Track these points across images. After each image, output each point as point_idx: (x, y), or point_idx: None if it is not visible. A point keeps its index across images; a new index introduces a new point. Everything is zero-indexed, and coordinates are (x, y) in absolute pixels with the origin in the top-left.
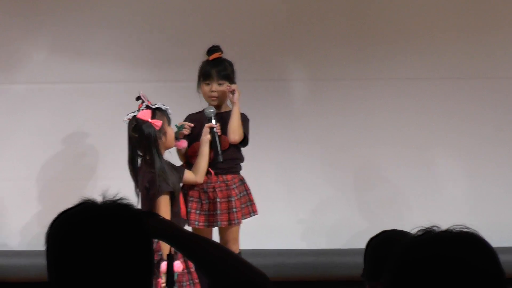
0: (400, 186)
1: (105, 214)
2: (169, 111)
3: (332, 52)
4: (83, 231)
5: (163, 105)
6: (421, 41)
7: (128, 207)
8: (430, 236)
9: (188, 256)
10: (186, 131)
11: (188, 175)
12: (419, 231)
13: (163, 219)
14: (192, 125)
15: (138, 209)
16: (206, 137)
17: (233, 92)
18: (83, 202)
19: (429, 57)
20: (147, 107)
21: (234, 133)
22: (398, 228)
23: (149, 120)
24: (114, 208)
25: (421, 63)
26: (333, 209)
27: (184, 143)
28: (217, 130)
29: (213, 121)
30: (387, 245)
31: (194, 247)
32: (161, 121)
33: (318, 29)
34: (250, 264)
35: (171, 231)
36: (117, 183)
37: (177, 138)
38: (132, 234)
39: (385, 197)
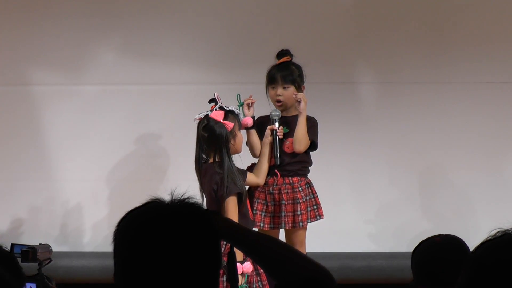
0: (468, 190)
1: (173, 213)
2: (241, 116)
3: (403, 55)
4: (151, 230)
5: (236, 109)
6: (493, 45)
7: (196, 206)
8: (509, 238)
9: (252, 257)
10: (250, 101)
11: (251, 177)
12: (497, 232)
13: (227, 219)
14: (254, 100)
15: (206, 209)
16: (267, 139)
17: (299, 101)
18: (150, 201)
19: (501, 61)
20: (221, 108)
21: (300, 143)
22: (464, 232)
23: (221, 121)
24: (182, 207)
25: (493, 67)
26: (401, 212)
27: (249, 120)
28: (279, 133)
29: (276, 124)
30: (430, 249)
31: (259, 248)
32: (232, 123)
33: (389, 32)
34: (315, 262)
35: (235, 231)
36: (188, 185)
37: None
38: (201, 233)
39: (453, 201)
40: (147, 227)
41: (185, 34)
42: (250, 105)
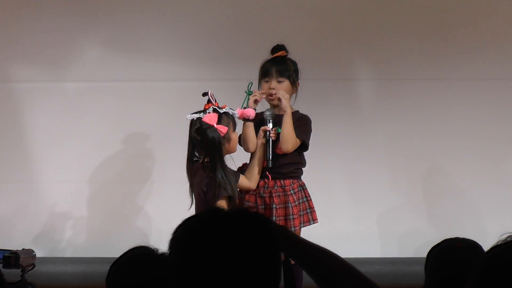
0: (473, 194)
1: (234, 223)
2: (236, 115)
3: (403, 50)
4: (211, 240)
5: (230, 109)
6: (500, 39)
7: (257, 216)
8: None
9: (309, 272)
10: (258, 97)
11: (243, 180)
12: (508, 237)
13: (287, 230)
14: (264, 96)
15: (269, 219)
16: (259, 141)
17: (279, 100)
18: (210, 209)
19: (510, 57)
20: (214, 110)
21: (286, 142)
22: (469, 237)
23: (215, 125)
24: (243, 217)
25: (501, 63)
26: (401, 215)
27: (251, 112)
28: (272, 134)
29: (270, 124)
30: (448, 253)
31: (318, 265)
32: (226, 128)
33: (388, 26)
34: (369, 280)
35: (294, 244)
36: (174, 187)
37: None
38: (263, 245)
39: (457, 205)
40: (206, 237)
41: (173, 28)
42: (256, 101)
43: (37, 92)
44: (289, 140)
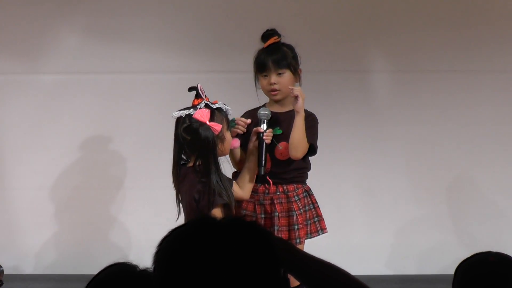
0: (506, 206)
1: (229, 234)
2: (230, 112)
3: (421, 39)
4: (203, 255)
5: (224, 104)
6: None
7: (254, 226)
8: None
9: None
10: (240, 130)
11: (235, 189)
12: None
13: (287, 242)
14: (249, 121)
15: (267, 230)
16: (252, 144)
17: (296, 97)
18: (200, 218)
19: None
20: (206, 105)
21: (296, 149)
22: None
23: (207, 123)
24: (239, 227)
25: None
26: (425, 231)
27: (236, 142)
28: (266, 136)
29: (264, 126)
30: (479, 268)
31: (320, 278)
32: (220, 125)
33: (404, 12)
34: None
35: (296, 258)
36: (153, 194)
37: None
38: (262, 260)
39: (488, 219)
40: (195, 251)
41: (160, 15)
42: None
43: (8, 86)
44: (300, 146)
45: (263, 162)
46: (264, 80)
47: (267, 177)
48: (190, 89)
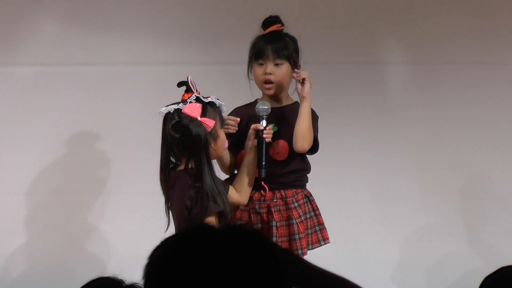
0: None
1: (228, 244)
2: (223, 108)
3: (441, 28)
4: (198, 267)
5: (217, 99)
6: None
7: (256, 235)
8: None
9: None
10: (232, 129)
11: (232, 193)
12: None
13: (291, 253)
14: (238, 120)
15: (270, 240)
16: (251, 143)
17: (302, 81)
18: (196, 226)
19: None
20: (197, 99)
21: (303, 139)
22: None
23: (199, 118)
24: (239, 236)
25: None
26: (438, 240)
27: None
28: (266, 134)
29: (263, 122)
30: (505, 283)
31: None
32: (213, 121)
33: (422, 1)
34: None
35: (301, 270)
36: (139, 200)
37: None
38: (265, 273)
39: (508, 227)
40: (190, 263)
41: (147, 1)
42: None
43: None
44: (307, 136)
45: (264, 163)
46: (259, 69)
47: (262, 182)
48: (180, 84)
